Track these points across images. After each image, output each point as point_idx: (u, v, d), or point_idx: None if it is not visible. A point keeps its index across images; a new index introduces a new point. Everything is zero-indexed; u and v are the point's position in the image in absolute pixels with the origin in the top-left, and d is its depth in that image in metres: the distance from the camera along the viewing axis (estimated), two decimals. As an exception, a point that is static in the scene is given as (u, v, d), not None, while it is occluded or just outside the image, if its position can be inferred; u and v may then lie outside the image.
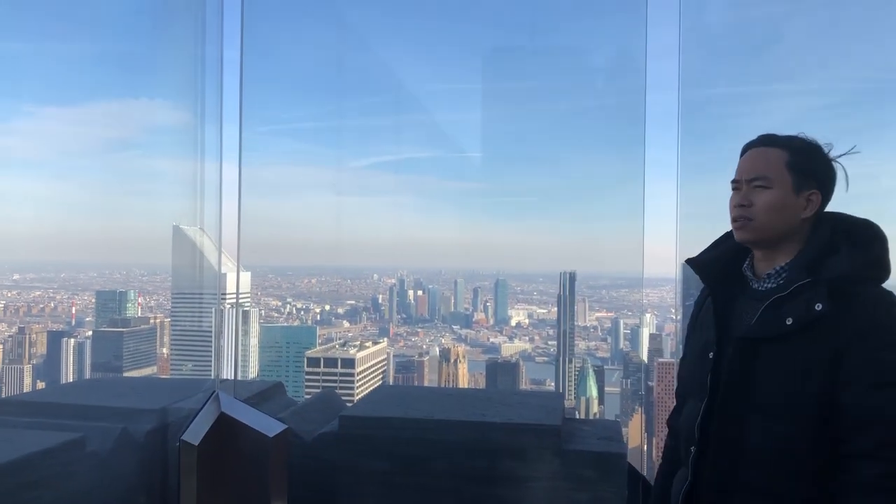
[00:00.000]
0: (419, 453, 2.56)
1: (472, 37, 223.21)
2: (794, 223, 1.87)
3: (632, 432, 73.64)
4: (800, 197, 1.88)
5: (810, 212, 1.87)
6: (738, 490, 1.77)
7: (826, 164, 1.92)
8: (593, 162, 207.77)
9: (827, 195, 1.90)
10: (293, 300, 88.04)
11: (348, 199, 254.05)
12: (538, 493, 2.52)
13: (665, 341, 79.94)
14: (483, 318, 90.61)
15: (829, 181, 1.90)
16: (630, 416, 70.76)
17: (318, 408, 2.96)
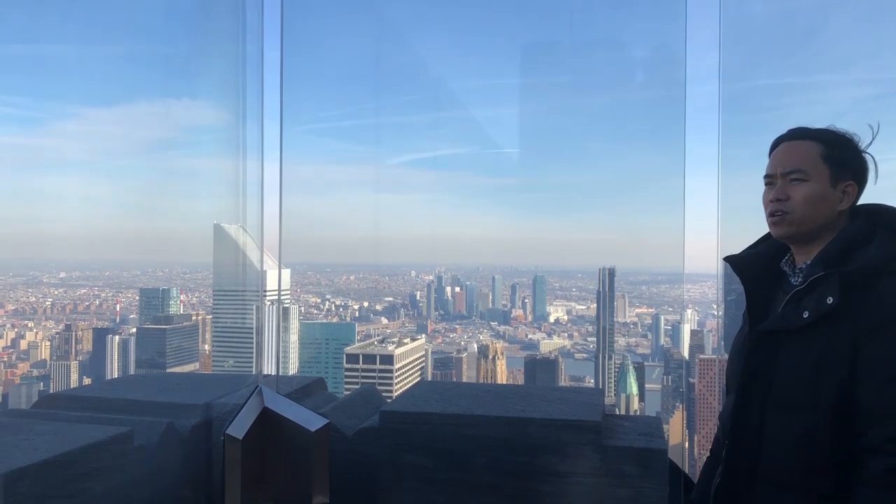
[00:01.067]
0: (459, 448, 2.57)
1: (510, 31, 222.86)
2: (832, 216, 1.87)
3: (673, 429, 73.01)
4: (836, 189, 1.88)
5: (846, 204, 1.88)
6: (761, 482, 1.77)
7: (859, 156, 1.92)
8: (633, 156, 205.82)
9: (861, 186, 1.91)
10: (332, 297, 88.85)
11: (386, 197, 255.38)
12: (579, 489, 2.51)
13: (706, 337, 78.89)
14: (521, 315, 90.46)
15: (863, 172, 1.91)
16: (671, 413, 70.05)
17: (358, 403, 2.99)
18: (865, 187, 1.91)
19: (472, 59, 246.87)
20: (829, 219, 1.87)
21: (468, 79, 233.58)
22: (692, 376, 71.72)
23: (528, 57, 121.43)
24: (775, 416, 1.78)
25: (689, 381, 71.00)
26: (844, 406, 1.67)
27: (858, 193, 1.90)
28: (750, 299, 1.97)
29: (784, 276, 1.95)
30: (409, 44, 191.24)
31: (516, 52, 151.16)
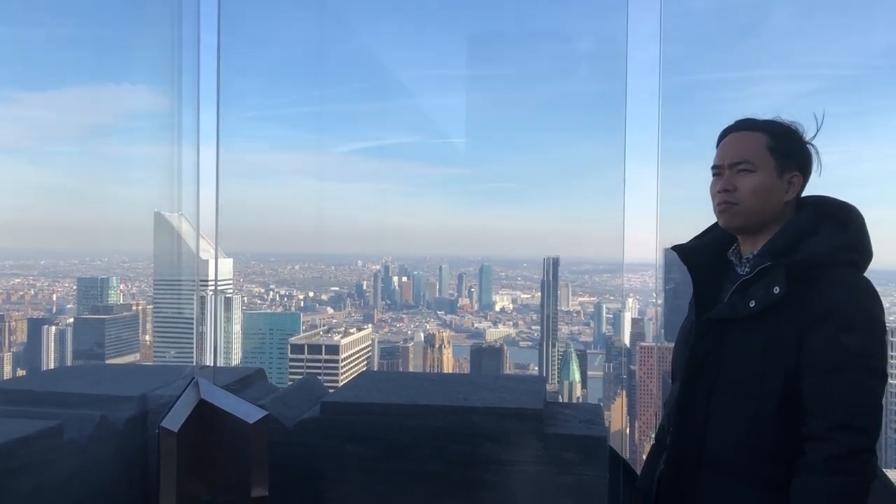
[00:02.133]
0: (401, 439, 2.55)
1: (457, 22, 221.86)
2: (778, 206, 1.89)
3: (614, 415, 74.46)
4: (782, 180, 1.89)
5: (792, 194, 1.90)
6: (706, 469, 1.81)
7: (804, 147, 1.94)
8: (576, 147, 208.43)
9: (806, 177, 1.93)
10: (276, 287, 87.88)
11: (332, 186, 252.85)
12: (521, 477, 2.52)
13: (647, 325, 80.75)
14: (468, 304, 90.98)
15: (808, 163, 1.93)
16: (612, 400, 71.50)
17: (299, 394, 2.95)
18: (810, 178, 1.94)
19: (419, 49, 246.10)
20: (775, 209, 1.89)
21: (415, 68, 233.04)
22: (633, 364, 73.32)
23: (475, 48, 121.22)
24: (721, 403, 1.81)
25: (630, 369, 72.58)
26: (789, 395, 1.70)
27: (803, 184, 1.92)
28: (697, 288, 2.00)
29: (731, 266, 1.98)
30: (355, 32, 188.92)
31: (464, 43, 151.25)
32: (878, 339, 1.64)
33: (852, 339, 1.63)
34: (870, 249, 1.80)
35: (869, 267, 1.80)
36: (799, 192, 1.91)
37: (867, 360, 1.64)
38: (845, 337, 1.64)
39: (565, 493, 2.51)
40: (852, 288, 1.71)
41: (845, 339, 1.64)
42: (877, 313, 1.66)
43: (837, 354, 1.65)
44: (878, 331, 1.64)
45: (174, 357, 6.25)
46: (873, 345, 1.64)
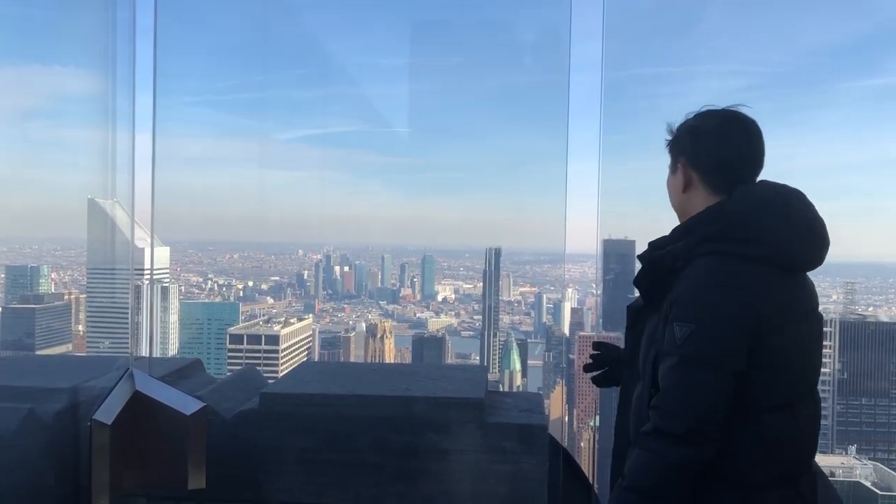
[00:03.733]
0: (342, 429, 2.54)
1: (402, 8, 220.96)
2: (683, 202, 1.89)
3: (553, 404, 75.54)
4: (676, 175, 1.90)
5: (688, 183, 1.87)
6: (627, 440, 1.87)
7: (687, 130, 1.88)
8: (519, 139, 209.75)
9: (699, 161, 1.84)
10: (215, 276, 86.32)
11: (273, 173, 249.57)
12: (462, 466, 2.54)
13: (586, 315, 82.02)
14: (410, 294, 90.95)
15: (688, 144, 1.86)
16: (552, 389, 72.47)
17: (237, 385, 2.91)
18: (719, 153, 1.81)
19: (364, 36, 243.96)
20: (681, 204, 1.89)
21: (360, 55, 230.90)
22: (572, 353, 74.37)
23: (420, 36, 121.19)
24: (635, 387, 1.89)
25: (570, 358, 73.61)
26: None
27: (704, 168, 1.83)
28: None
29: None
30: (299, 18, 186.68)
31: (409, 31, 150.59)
32: (705, 327, 1.64)
33: (680, 327, 1.66)
34: (755, 235, 1.71)
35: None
36: (704, 180, 1.83)
37: (687, 347, 1.65)
38: (676, 325, 1.67)
39: (505, 480, 2.53)
40: (695, 279, 1.71)
41: (675, 328, 1.67)
42: (715, 301, 1.66)
43: (668, 342, 1.69)
44: (707, 318, 1.65)
45: (108, 348, 6.08)
46: (697, 333, 1.64)
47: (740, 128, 1.84)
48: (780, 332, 1.69)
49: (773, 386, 1.70)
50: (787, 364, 1.72)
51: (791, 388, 1.75)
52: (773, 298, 1.69)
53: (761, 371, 1.67)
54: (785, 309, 1.72)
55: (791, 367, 1.73)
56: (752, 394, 1.67)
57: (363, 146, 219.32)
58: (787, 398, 1.73)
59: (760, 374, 1.67)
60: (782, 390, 1.72)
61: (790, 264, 1.75)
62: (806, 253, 1.77)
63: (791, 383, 1.74)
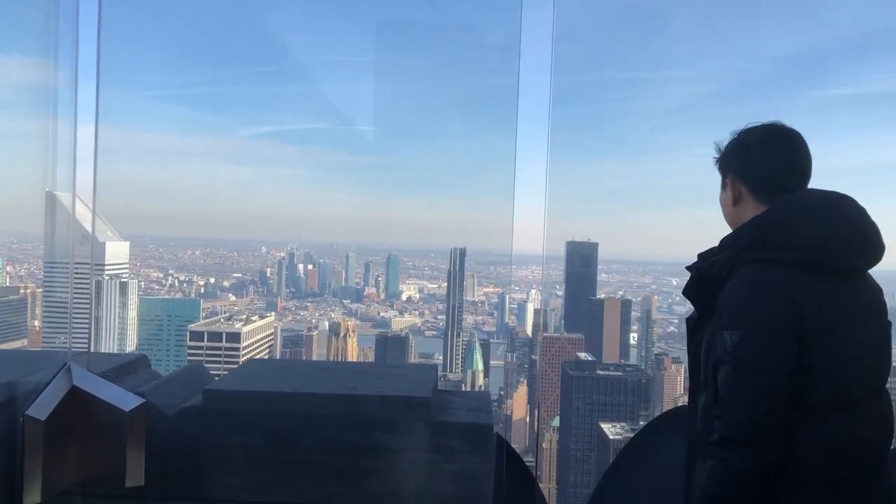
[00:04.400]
0: (288, 427, 2.51)
1: (368, 8, 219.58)
2: (735, 215, 1.94)
3: (516, 404, 75.81)
4: (727, 190, 1.96)
5: (739, 198, 1.93)
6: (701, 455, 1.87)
7: (732, 146, 1.96)
8: (485, 139, 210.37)
9: (747, 173, 1.91)
10: (176, 272, 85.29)
11: (237, 169, 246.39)
12: (408, 465, 2.52)
13: (549, 316, 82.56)
14: (374, 293, 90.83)
15: (739, 160, 1.94)
16: (515, 389, 72.95)
17: (182, 382, 2.86)
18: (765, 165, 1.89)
19: (329, 34, 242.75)
20: (733, 219, 1.94)
21: (325, 54, 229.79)
22: (535, 353, 74.86)
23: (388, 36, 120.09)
24: (700, 395, 1.92)
25: (532, 358, 74.12)
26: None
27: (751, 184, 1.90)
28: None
29: None
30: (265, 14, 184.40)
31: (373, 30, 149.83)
32: (751, 333, 1.69)
33: (729, 335, 1.71)
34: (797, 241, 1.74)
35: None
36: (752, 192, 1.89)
37: (737, 354, 1.70)
38: (726, 334, 1.72)
39: (451, 479, 2.53)
40: (739, 287, 1.76)
41: (725, 336, 1.72)
42: (759, 308, 1.71)
43: (721, 350, 1.74)
44: (753, 325, 1.70)
45: (63, 343, 5.94)
46: (745, 339, 1.69)
47: (784, 139, 1.90)
48: (830, 334, 1.71)
49: (829, 387, 1.72)
50: (842, 365, 1.73)
51: (848, 389, 1.75)
52: (817, 301, 1.72)
53: (814, 372, 1.69)
54: (833, 310, 1.74)
55: (846, 368, 1.74)
56: (807, 395, 1.69)
57: (329, 144, 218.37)
58: (846, 400, 1.74)
59: (814, 375, 1.70)
60: (839, 391, 1.73)
61: (833, 267, 1.76)
62: (849, 256, 1.79)
63: (847, 384, 1.75)
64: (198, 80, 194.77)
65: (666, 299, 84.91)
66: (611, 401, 66.29)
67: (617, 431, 60.09)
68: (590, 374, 67.01)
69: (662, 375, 71.73)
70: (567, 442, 65.99)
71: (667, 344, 79.34)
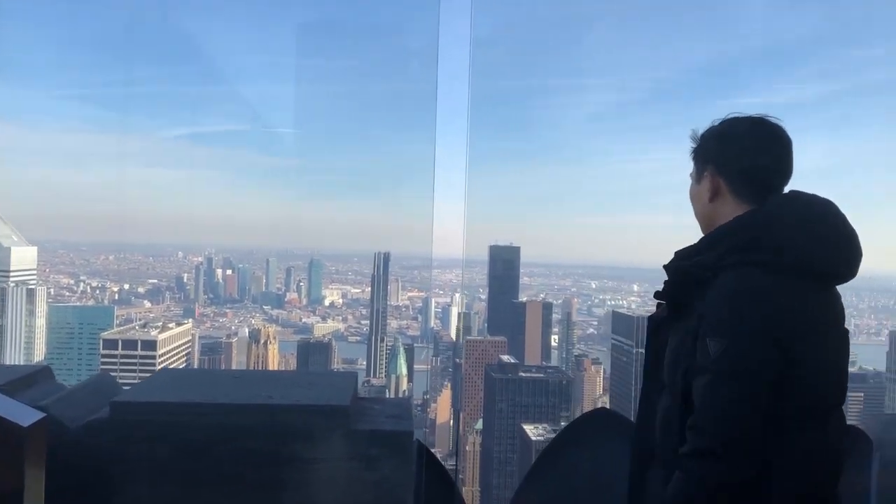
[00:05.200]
0: (198, 438, 2.43)
1: (289, 9, 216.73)
2: (710, 212, 1.83)
3: (440, 408, 75.89)
4: (702, 183, 1.84)
5: (715, 193, 1.81)
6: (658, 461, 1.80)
7: (714, 135, 1.82)
8: (408, 143, 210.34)
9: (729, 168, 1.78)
10: (88, 278, 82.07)
11: (155, 171, 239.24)
12: (325, 475, 2.47)
13: (473, 319, 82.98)
14: (296, 299, 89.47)
15: (727, 151, 1.80)
16: (439, 393, 73.08)
17: (88, 393, 2.73)
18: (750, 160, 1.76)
19: (248, 34, 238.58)
20: (708, 215, 1.83)
21: (245, 55, 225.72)
22: (459, 357, 75.15)
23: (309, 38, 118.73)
24: (661, 398, 1.81)
25: (457, 362, 74.41)
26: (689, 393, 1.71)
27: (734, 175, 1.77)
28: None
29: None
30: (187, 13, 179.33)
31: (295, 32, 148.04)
32: (737, 341, 1.61)
33: (713, 343, 1.62)
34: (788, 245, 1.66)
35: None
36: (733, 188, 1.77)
37: (722, 363, 1.61)
38: (709, 341, 1.63)
39: (371, 488, 2.49)
40: (724, 292, 1.66)
41: (708, 343, 1.63)
42: (747, 314, 1.62)
43: (702, 357, 1.64)
44: (739, 333, 1.61)
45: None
46: (730, 347, 1.61)
47: (772, 134, 1.78)
48: (810, 344, 1.65)
49: (807, 398, 1.66)
50: (819, 376, 1.68)
51: (823, 400, 1.71)
52: (802, 309, 1.65)
53: (794, 383, 1.63)
54: (814, 320, 1.68)
55: (823, 379, 1.69)
56: (784, 405, 1.62)
57: (247, 146, 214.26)
58: (821, 411, 1.70)
59: (793, 386, 1.63)
60: (815, 403, 1.68)
61: (820, 275, 1.71)
62: (835, 264, 1.72)
63: (823, 396, 1.70)
64: (112, 79, 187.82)
65: (585, 301, 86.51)
66: (533, 402, 67.06)
67: (539, 433, 60.81)
68: (512, 376, 67.68)
69: (582, 376, 72.99)
70: (490, 444, 66.44)
71: (586, 345, 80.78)
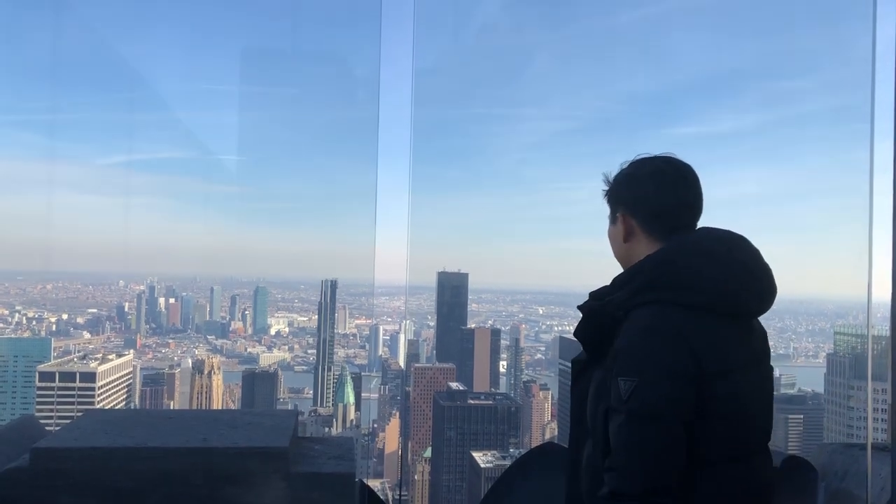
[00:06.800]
0: (128, 486, 2.30)
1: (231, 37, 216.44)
2: (626, 252, 1.83)
3: (389, 437, 75.20)
4: (617, 225, 1.85)
5: (630, 234, 1.82)
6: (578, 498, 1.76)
7: (624, 178, 1.84)
8: (353, 170, 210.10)
9: (638, 209, 1.81)
10: (24, 308, 79.60)
11: (93, 199, 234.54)
12: (264, 521, 2.36)
13: (421, 346, 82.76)
14: (241, 328, 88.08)
15: (635, 193, 1.82)
16: (387, 421, 72.45)
17: (9, 439, 2.57)
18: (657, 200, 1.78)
19: (188, 61, 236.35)
20: (625, 254, 1.84)
21: (185, 81, 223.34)
22: (408, 384, 74.74)
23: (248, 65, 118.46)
24: (587, 445, 1.77)
25: (405, 390, 73.97)
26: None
27: (644, 216, 1.80)
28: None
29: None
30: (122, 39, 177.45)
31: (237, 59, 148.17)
32: (648, 379, 1.59)
33: (623, 382, 1.60)
34: (697, 282, 1.66)
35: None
36: (644, 228, 1.80)
37: (632, 403, 1.58)
38: (620, 381, 1.60)
39: (312, 534, 2.38)
40: (634, 330, 1.65)
41: (620, 383, 1.60)
42: (656, 352, 1.61)
43: (615, 398, 1.61)
44: (650, 371, 1.59)
45: None
46: (641, 386, 1.58)
47: (677, 173, 1.80)
48: (727, 380, 1.62)
49: (725, 436, 1.63)
50: (738, 413, 1.65)
51: (746, 439, 1.68)
52: (716, 346, 1.63)
53: (711, 421, 1.59)
54: (730, 356, 1.65)
55: (744, 417, 1.67)
56: (703, 445, 1.59)
57: (187, 173, 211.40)
58: (743, 450, 1.67)
59: (710, 424, 1.60)
60: (734, 441, 1.65)
61: (731, 310, 1.69)
62: (747, 299, 1.72)
63: (744, 434, 1.68)
64: (48, 105, 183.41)
65: (533, 327, 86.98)
66: (482, 429, 66.90)
67: (488, 459, 60.60)
68: (461, 403, 67.49)
69: (531, 402, 73.20)
70: (439, 472, 65.96)
71: (534, 371, 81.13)
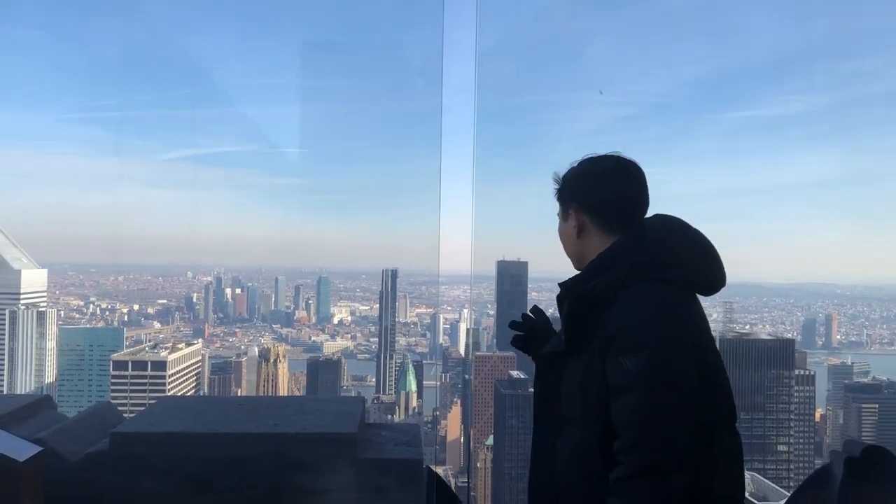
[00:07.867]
0: (203, 470, 2.35)
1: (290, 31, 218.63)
2: (579, 247, 1.87)
3: (451, 424, 75.58)
4: (569, 221, 1.89)
5: (582, 229, 1.86)
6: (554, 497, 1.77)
7: (576, 175, 1.91)
8: (415, 160, 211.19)
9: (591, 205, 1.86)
10: (98, 300, 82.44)
11: (160, 193, 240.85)
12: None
13: (482, 335, 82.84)
14: (305, 317, 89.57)
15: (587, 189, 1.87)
16: (449, 409, 72.84)
17: (89, 424, 2.66)
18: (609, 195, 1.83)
19: (250, 57, 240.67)
20: (578, 250, 1.87)
21: (247, 77, 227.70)
22: (468, 373, 74.97)
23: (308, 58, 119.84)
24: (563, 437, 1.78)
25: (466, 378, 74.22)
26: (608, 421, 1.68)
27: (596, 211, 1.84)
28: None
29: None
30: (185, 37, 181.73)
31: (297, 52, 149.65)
32: (662, 350, 1.60)
33: (633, 358, 1.60)
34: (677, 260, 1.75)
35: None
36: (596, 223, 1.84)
37: (648, 375, 1.58)
38: (626, 357, 1.61)
39: (380, 519, 2.40)
40: (638, 306, 1.67)
41: (626, 360, 1.61)
42: (665, 324, 1.63)
43: (622, 376, 1.61)
44: (663, 343, 1.61)
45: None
46: (655, 358, 1.59)
47: (625, 170, 1.87)
48: (715, 352, 1.74)
49: (725, 405, 1.73)
50: (724, 381, 1.75)
51: (734, 407, 1.77)
52: (702, 319, 1.74)
53: (712, 390, 1.68)
54: (709, 329, 1.77)
55: (727, 385, 1.77)
56: (708, 412, 1.65)
57: (252, 167, 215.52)
58: (734, 417, 1.76)
59: (712, 393, 1.68)
60: (731, 409, 1.75)
61: (704, 287, 1.80)
62: (713, 276, 1.82)
63: (733, 402, 1.78)
64: (116, 103, 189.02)
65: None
66: (544, 418, 66.73)
67: (551, 448, 60.43)
68: (522, 391, 67.41)
69: (593, 391, 72.80)
70: (501, 460, 66.04)
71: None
